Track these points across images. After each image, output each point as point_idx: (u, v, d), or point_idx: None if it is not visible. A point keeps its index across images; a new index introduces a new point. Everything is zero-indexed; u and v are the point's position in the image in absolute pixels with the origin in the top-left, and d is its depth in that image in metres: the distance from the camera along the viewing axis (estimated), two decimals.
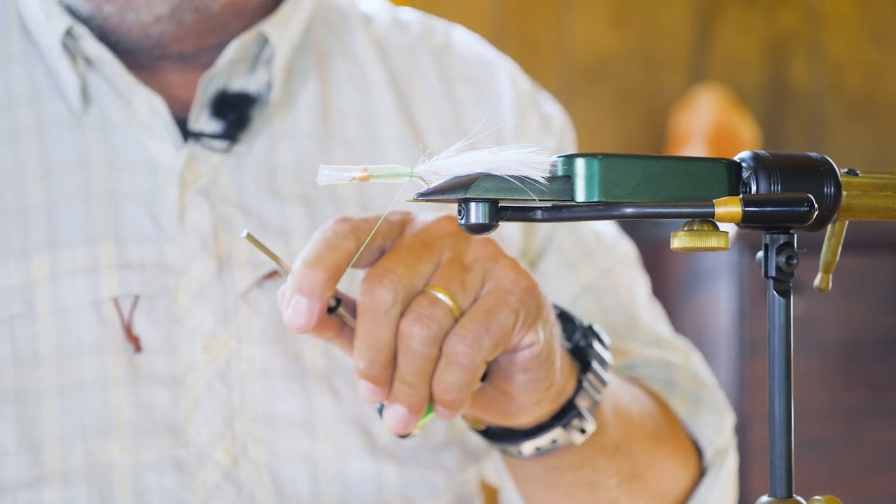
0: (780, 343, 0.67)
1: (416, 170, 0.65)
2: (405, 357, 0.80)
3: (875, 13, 3.17)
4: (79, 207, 1.01)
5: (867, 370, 2.54)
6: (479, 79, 1.14)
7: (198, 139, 1.03)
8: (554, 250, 1.13)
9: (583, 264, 1.13)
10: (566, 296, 1.11)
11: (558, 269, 1.12)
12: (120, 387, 0.99)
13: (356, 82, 1.11)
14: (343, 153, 1.07)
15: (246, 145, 1.05)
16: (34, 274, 1.00)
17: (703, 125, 2.81)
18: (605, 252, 1.14)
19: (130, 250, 1.01)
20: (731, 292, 2.44)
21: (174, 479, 0.99)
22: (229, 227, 1.02)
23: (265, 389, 1.01)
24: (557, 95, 2.84)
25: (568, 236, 1.13)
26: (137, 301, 1.00)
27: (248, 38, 1.05)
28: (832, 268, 0.75)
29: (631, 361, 1.10)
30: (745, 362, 2.44)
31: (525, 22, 2.87)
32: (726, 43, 3.05)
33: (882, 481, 2.56)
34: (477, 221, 0.64)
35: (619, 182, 0.65)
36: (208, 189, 1.03)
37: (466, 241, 0.82)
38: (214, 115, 1.04)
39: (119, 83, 1.03)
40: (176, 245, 1.01)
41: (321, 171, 0.64)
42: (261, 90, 1.06)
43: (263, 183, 1.05)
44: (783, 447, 0.67)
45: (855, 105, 3.15)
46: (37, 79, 1.04)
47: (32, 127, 1.03)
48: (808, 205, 0.64)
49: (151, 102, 1.03)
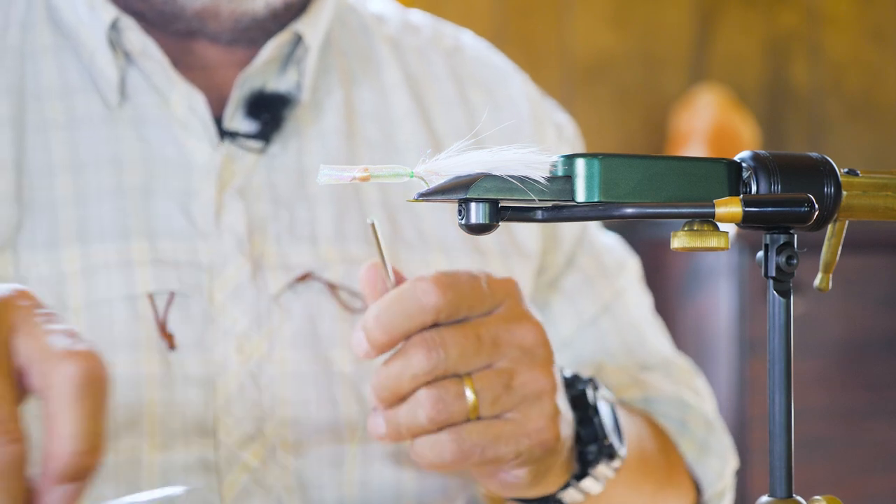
0: (780, 343, 0.67)
1: (417, 170, 0.65)
2: (408, 413, 0.83)
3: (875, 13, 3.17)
4: (110, 202, 1.00)
5: (867, 370, 2.54)
6: (492, 84, 1.15)
7: (233, 138, 1.03)
8: (577, 268, 1.15)
9: (601, 283, 1.15)
10: (588, 314, 1.14)
11: (582, 287, 1.15)
12: (153, 385, 0.98)
13: (374, 84, 1.11)
14: (366, 154, 1.08)
15: (279, 145, 1.05)
16: (65, 266, 0.98)
17: (703, 125, 2.81)
18: (619, 270, 1.17)
19: (163, 247, 1.00)
20: (731, 292, 2.44)
21: (202, 480, 0.98)
22: (263, 229, 1.02)
23: (295, 393, 1.00)
24: (557, 95, 2.84)
25: (588, 254, 1.16)
26: (173, 298, 0.99)
27: (284, 37, 1.04)
28: (832, 268, 0.75)
29: (650, 396, 1.12)
30: (745, 362, 2.43)
31: (525, 22, 2.87)
32: (726, 43, 3.05)
33: (882, 481, 2.56)
34: (477, 221, 0.64)
35: (619, 182, 0.65)
36: (243, 189, 1.03)
37: (532, 363, 0.85)
38: (249, 115, 1.04)
39: (157, 78, 1.03)
40: (210, 244, 1.00)
41: (321, 170, 0.64)
42: (291, 90, 1.06)
43: (294, 184, 1.04)
44: (783, 447, 0.67)
45: (855, 105, 3.15)
46: (68, 72, 1.03)
47: (63, 121, 1.02)
48: (809, 205, 0.64)
49: (190, 98, 1.02)
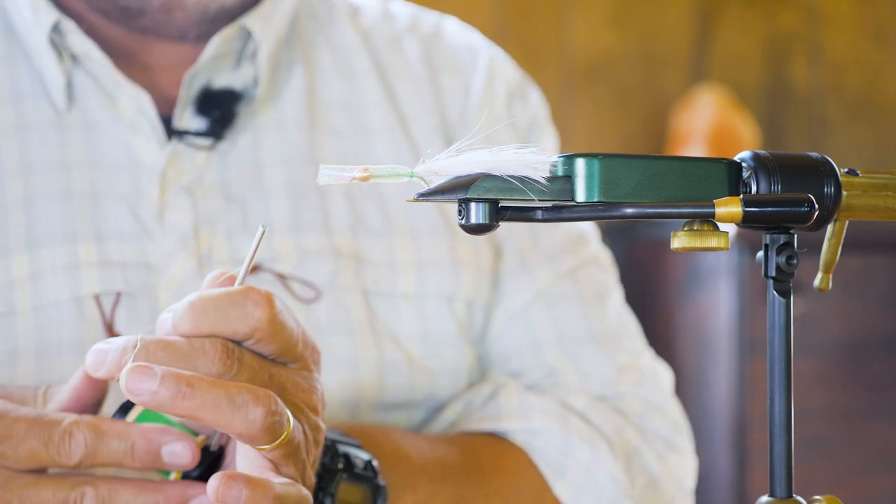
0: (780, 343, 0.67)
1: (417, 170, 0.65)
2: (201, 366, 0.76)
3: (875, 13, 3.17)
4: (59, 206, 1.00)
5: (867, 370, 2.54)
6: (464, 67, 1.14)
7: (182, 137, 1.03)
8: (511, 249, 1.10)
9: (540, 267, 1.10)
10: (519, 301, 1.08)
11: (513, 272, 1.09)
12: None
13: (342, 73, 1.10)
14: (330, 144, 1.07)
15: (230, 141, 1.05)
16: (14, 272, 0.99)
17: (703, 125, 2.81)
18: (569, 252, 1.11)
19: (111, 248, 1.00)
20: (731, 292, 2.44)
21: None
22: (211, 225, 1.02)
23: None
24: (557, 95, 2.85)
25: (526, 234, 1.10)
26: (119, 298, 0.99)
27: (229, 31, 1.04)
28: (832, 268, 0.75)
29: (534, 427, 1.04)
30: (745, 362, 2.43)
31: (525, 22, 2.87)
32: (726, 43, 3.05)
33: (882, 481, 2.56)
34: (477, 221, 0.64)
35: (619, 182, 0.65)
36: (191, 187, 1.02)
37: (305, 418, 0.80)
38: (199, 113, 1.04)
39: (105, 80, 1.03)
40: (156, 244, 1.00)
41: (321, 170, 0.64)
42: (247, 85, 1.05)
43: (249, 178, 1.04)
44: (783, 447, 0.67)
45: (855, 105, 3.15)
46: (20, 78, 1.03)
47: (13, 126, 1.02)
48: (809, 205, 0.64)
49: (138, 100, 1.02)
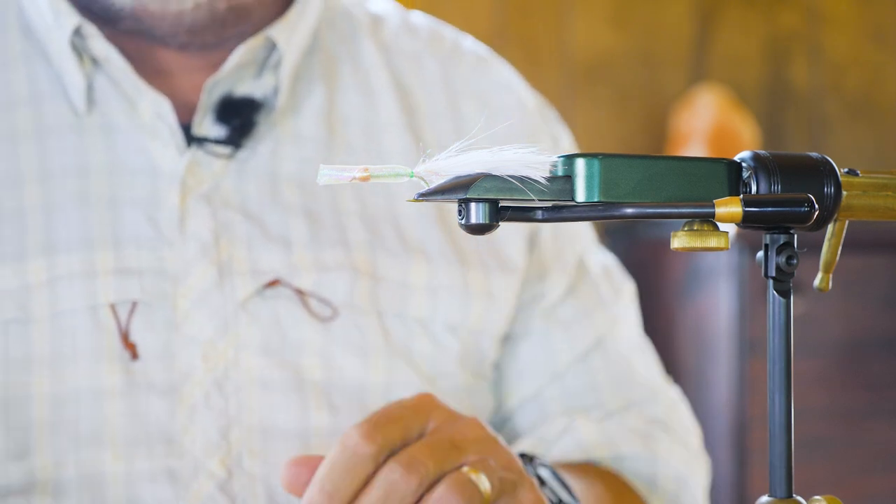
0: (780, 343, 0.67)
1: (417, 170, 0.64)
2: None
3: (875, 13, 3.17)
4: (76, 212, 1.00)
5: (867, 370, 2.54)
6: (486, 94, 1.13)
7: (201, 144, 1.02)
8: (575, 298, 1.13)
9: (598, 313, 1.13)
10: (581, 348, 1.12)
11: (579, 319, 1.13)
12: (115, 396, 0.97)
13: (361, 88, 1.10)
14: (345, 161, 1.06)
15: (249, 150, 1.04)
16: (30, 278, 0.98)
17: (703, 125, 2.81)
18: (615, 297, 1.15)
19: (128, 255, 0.99)
20: (731, 292, 2.44)
21: (168, 489, 0.97)
22: (231, 234, 1.01)
23: (262, 400, 0.99)
24: (557, 95, 2.85)
25: (587, 284, 1.14)
26: (135, 307, 0.98)
27: (254, 42, 1.03)
28: (832, 268, 0.75)
29: (621, 453, 1.11)
30: (745, 362, 2.43)
31: (525, 22, 2.87)
32: (726, 43, 3.05)
33: (882, 481, 2.56)
34: (477, 222, 0.64)
35: (619, 182, 0.65)
36: (210, 195, 1.02)
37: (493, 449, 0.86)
38: (219, 120, 1.03)
39: (126, 85, 1.02)
40: (175, 251, 1.00)
41: (321, 170, 0.64)
42: (267, 95, 1.05)
43: (266, 189, 1.03)
44: (783, 447, 0.67)
45: (855, 105, 3.15)
46: (38, 80, 1.03)
47: (32, 129, 1.01)
48: (809, 205, 0.64)
49: (157, 105, 1.02)
